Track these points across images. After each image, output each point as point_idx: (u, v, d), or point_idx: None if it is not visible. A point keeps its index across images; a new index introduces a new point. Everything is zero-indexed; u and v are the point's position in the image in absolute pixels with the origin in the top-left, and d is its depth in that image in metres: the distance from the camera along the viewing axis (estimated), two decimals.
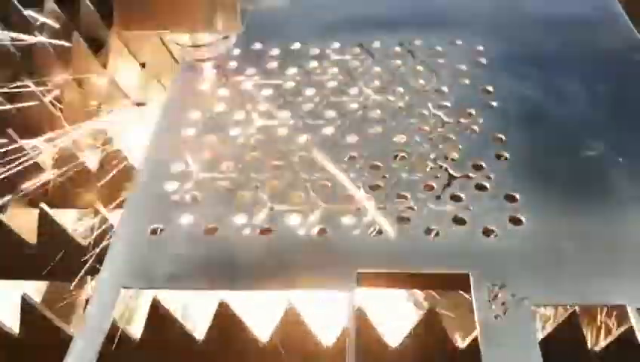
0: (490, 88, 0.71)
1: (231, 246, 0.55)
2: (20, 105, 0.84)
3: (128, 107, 0.84)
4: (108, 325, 0.51)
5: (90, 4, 0.98)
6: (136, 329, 0.57)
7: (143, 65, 0.95)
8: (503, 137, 0.64)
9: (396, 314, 0.58)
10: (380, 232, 0.56)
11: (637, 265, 0.52)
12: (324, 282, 0.52)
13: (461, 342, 0.53)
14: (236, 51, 0.77)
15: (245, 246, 0.55)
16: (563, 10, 0.83)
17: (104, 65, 0.91)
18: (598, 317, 0.54)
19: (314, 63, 0.75)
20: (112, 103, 0.84)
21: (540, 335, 0.52)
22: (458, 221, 0.56)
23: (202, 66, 0.72)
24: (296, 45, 0.77)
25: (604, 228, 0.55)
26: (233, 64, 0.75)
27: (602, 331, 0.53)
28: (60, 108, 0.86)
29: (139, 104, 0.85)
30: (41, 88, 0.85)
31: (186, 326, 0.55)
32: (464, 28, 0.79)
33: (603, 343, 0.52)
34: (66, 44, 0.91)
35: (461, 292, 0.52)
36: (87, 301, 0.54)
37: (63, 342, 0.50)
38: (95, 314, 0.52)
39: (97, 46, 0.97)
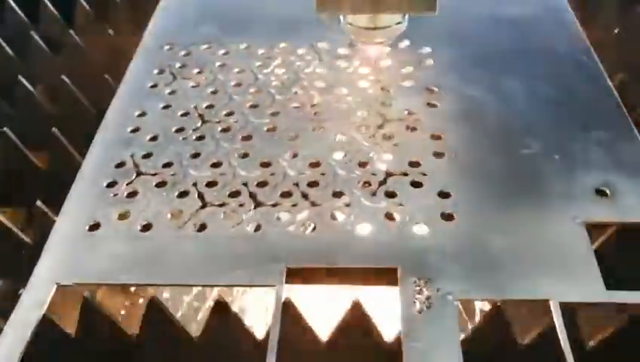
0: (435, 88, 0.72)
1: (166, 242, 0.56)
2: None
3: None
4: (37, 320, 0.51)
5: (50, 4, 0.98)
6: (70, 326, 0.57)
7: None
8: (443, 136, 0.65)
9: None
10: (314, 229, 0.57)
11: (561, 261, 0.53)
12: (252, 277, 0.52)
13: (389, 337, 0.53)
14: (182, 52, 0.78)
15: (180, 242, 0.56)
16: (512, 10, 0.84)
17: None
18: (524, 311, 0.55)
19: (259, 63, 0.76)
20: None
21: (465, 330, 0.52)
22: (390, 217, 0.57)
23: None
24: (243, 45, 0.78)
25: (533, 224, 0.56)
26: (178, 64, 0.77)
27: (527, 326, 0.54)
28: None
29: None
30: None
31: (120, 323, 0.55)
32: (412, 30, 0.80)
33: (527, 338, 0.53)
34: None
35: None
36: (19, 296, 0.54)
37: None
38: (26, 309, 0.52)
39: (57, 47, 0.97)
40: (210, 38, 0.81)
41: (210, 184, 0.61)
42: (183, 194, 0.60)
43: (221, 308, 0.53)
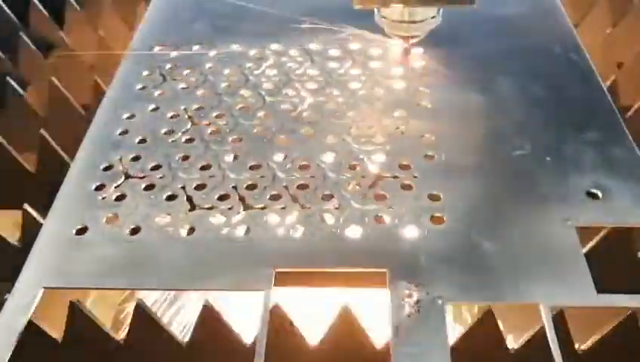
0: (426, 90, 0.71)
1: (154, 246, 0.55)
2: None
3: None
4: (23, 325, 0.50)
5: (40, 5, 0.97)
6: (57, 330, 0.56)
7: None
8: (433, 137, 0.65)
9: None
10: (304, 232, 0.56)
11: (552, 264, 0.52)
12: (240, 282, 0.52)
13: (378, 340, 0.53)
14: (174, 54, 0.78)
15: (168, 246, 0.55)
16: (505, 11, 0.83)
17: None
18: (514, 315, 0.55)
19: (250, 64, 0.75)
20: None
21: (456, 334, 0.52)
22: (380, 220, 0.56)
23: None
24: (235, 47, 0.78)
25: (524, 227, 0.56)
26: (168, 65, 0.76)
27: (517, 329, 0.54)
28: None
29: None
30: None
31: (105, 328, 0.55)
32: None
33: (517, 342, 0.52)
34: None
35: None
36: (4, 300, 0.53)
37: None
38: (12, 313, 0.51)
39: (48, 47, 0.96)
40: (200, 39, 0.80)
41: (199, 187, 0.60)
42: (172, 198, 0.59)
43: (209, 312, 0.53)
